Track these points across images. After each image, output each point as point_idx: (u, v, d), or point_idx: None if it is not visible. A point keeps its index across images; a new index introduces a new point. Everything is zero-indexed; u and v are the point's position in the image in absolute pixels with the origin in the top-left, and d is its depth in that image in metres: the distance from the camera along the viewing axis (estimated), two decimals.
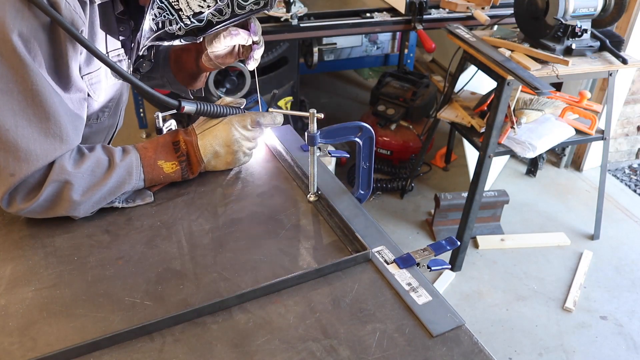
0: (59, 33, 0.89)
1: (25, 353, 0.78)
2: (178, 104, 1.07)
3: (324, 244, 1.01)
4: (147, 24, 1.01)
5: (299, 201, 1.11)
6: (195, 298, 0.88)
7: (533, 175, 3.29)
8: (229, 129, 1.12)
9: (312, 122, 1.03)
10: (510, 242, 2.76)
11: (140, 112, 3.49)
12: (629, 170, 3.48)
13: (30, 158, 0.91)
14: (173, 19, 1.00)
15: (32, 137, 0.91)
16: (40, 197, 0.95)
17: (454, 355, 0.78)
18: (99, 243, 1.00)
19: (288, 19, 2.44)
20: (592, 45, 2.27)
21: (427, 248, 0.96)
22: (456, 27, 2.54)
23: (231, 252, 0.98)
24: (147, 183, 1.09)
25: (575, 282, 2.53)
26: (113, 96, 1.16)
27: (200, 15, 0.99)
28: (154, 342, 0.81)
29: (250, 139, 1.16)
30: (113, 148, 1.06)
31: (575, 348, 2.23)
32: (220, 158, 1.14)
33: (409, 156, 3.21)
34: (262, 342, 0.80)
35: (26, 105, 0.89)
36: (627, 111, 3.27)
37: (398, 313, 0.85)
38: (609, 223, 2.90)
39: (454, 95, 2.71)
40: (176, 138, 1.11)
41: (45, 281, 0.91)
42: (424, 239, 2.80)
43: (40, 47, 0.88)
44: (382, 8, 2.69)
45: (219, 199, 1.12)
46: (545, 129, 2.43)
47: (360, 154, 1.10)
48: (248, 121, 1.14)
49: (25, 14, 0.85)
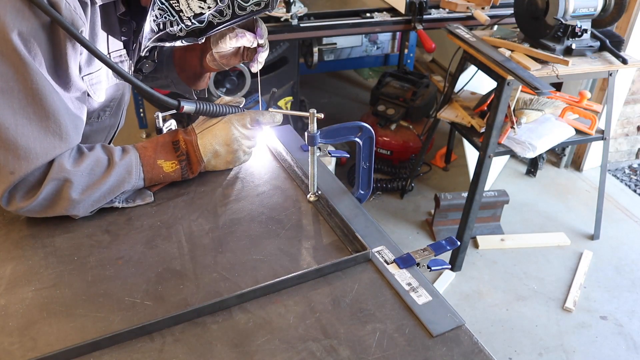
0: (59, 33, 0.89)
1: (25, 353, 0.78)
2: (177, 103, 1.07)
3: (324, 244, 1.01)
4: (149, 25, 1.01)
5: (299, 201, 1.11)
6: (195, 298, 0.88)
7: (533, 175, 3.29)
8: (228, 128, 1.12)
9: (312, 122, 1.03)
10: (510, 242, 2.76)
11: (140, 112, 3.49)
12: (629, 170, 3.48)
13: (30, 156, 0.92)
14: (174, 20, 1.00)
15: (31, 136, 0.91)
16: (40, 196, 0.95)
17: (454, 355, 0.78)
18: (99, 243, 1.00)
19: (288, 19, 2.44)
20: (592, 45, 2.27)
21: (427, 248, 0.96)
22: (456, 27, 2.54)
23: (231, 252, 0.98)
24: (147, 182, 1.09)
25: (575, 282, 2.53)
26: (114, 96, 1.16)
27: (201, 16, 0.99)
28: (154, 342, 0.81)
29: (250, 138, 1.16)
30: (113, 147, 1.06)
31: (575, 348, 2.23)
32: (220, 157, 1.14)
33: (409, 156, 3.21)
34: (262, 342, 0.80)
35: (26, 104, 0.89)
36: (627, 111, 3.27)
37: (398, 313, 0.85)
38: (609, 223, 2.90)
39: (454, 95, 2.71)
40: (176, 138, 1.12)
41: (45, 281, 0.91)
42: (424, 239, 2.80)
43: (40, 46, 0.88)
44: (382, 8, 2.69)
45: (219, 199, 1.12)
46: (545, 129, 2.43)
47: (360, 154, 1.10)
48: (247, 120, 1.14)
49: (26, 13, 0.85)
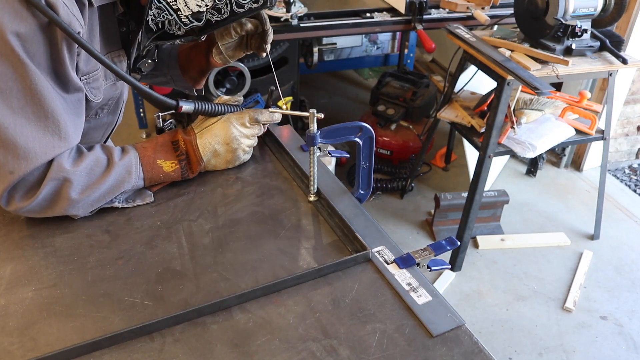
0: (57, 34, 0.89)
1: (25, 353, 0.78)
2: (176, 103, 1.07)
3: (324, 244, 1.01)
4: (147, 25, 1.01)
5: (299, 201, 1.11)
6: (195, 298, 0.88)
7: (533, 175, 3.29)
8: (227, 127, 1.12)
9: (312, 122, 1.03)
10: (510, 242, 2.76)
11: (140, 112, 3.49)
12: (629, 170, 3.48)
13: (29, 156, 0.92)
14: (172, 19, 1.00)
15: (30, 135, 0.91)
16: (39, 196, 0.95)
17: (454, 355, 0.78)
18: (99, 243, 1.00)
19: (288, 19, 2.44)
20: (592, 45, 2.27)
21: (427, 248, 0.96)
22: (456, 27, 2.54)
23: (231, 252, 0.98)
24: (146, 182, 1.09)
25: (575, 282, 2.53)
26: (112, 95, 1.16)
27: (199, 15, 0.99)
28: (154, 342, 0.81)
29: (249, 137, 1.16)
30: (112, 147, 1.06)
31: (575, 348, 2.23)
32: (219, 157, 1.14)
33: (409, 156, 3.21)
34: (262, 342, 0.80)
35: (25, 104, 0.89)
36: (627, 111, 3.27)
37: (398, 313, 0.85)
38: (609, 223, 2.90)
39: (454, 95, 2.71)
40: (175, 137, 1.12)
41: (45, 281, 0.91)
42: (424, 239, 2.80)
43: (38, 47, 0.88)
44: (382, 8, 2.69)
45: (219, 199, 1.12)
46: (545, 129, 2.43)
47: (360, 154, 1.10)
48: (246, 118, 1.14)
49: (23, 14, 0.85)
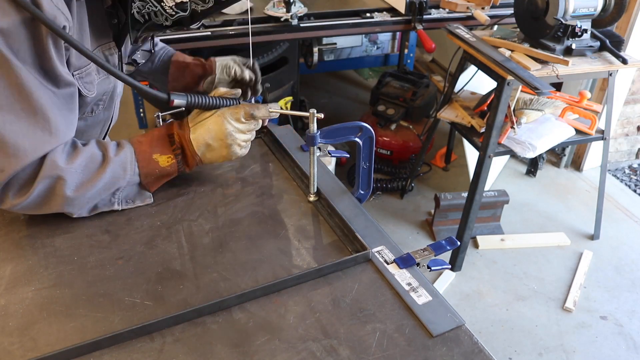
0: (41, 29, 0.87)
1: (25, 353, 0.78)
2: (167, 97, 1.05)
3: (324, 244, 1.01)
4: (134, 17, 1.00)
5: (299, 201, 1.11)
6: (195, 298, 0.88)
7: (533, 175, 3.29)
8: (221, 122, 1.09)
9: (312, 122, 1.03)
10: (510, 242, 2.76)
11: (140, 112, 3.48)
12: (629, 170, 3.48)
13: (19, 153, 0.90)
14: (157, 10, 0.99)
15: (20, 132, 0.90)
16: (33, 193, 0.94)
17: (454, 355, 0.78)
18: (99, 243, 1.00)
19: (288, 19, 2.44)
20: (592, 45, 2.27)
21: (427, 248, 0.96)
22: (456, 27, 2.54)
23: (231, 252, 0.98)
24: (142, 177, 1.07)
25: (575, 282, 2.53)
26: (106, 89, 1.14)
27: (184, 5, 0.98)
28: (154, 342, 0.81)
29: (245, 132, 1.12)
30: (107, 143, 1.04)
31: (575, 348, 2.23)
32: (214, 151, 1.11)
33: (409, 156, 3.21)
34: (262, 342, 0.80)
35: (13, 100, 0.88)
36: (627, 111, 3.27)
37: (398, 313, 0.85)
38: (609, 223, 2.90)
39: (454, 95, 2.71)
40: (171, 130, 1.10)
41: (45, 281, 0.91)
42: (424, 239, 2.80)
43: (22, 42, 0.87)
44: (382, 8, 2.69)
45: (219, 199, 1.12)
46: (545, 129, 2.43)
47: (360, 154, 1.10)
48: (241, 114, 1.10)
49: (6, 9, 0.83)
